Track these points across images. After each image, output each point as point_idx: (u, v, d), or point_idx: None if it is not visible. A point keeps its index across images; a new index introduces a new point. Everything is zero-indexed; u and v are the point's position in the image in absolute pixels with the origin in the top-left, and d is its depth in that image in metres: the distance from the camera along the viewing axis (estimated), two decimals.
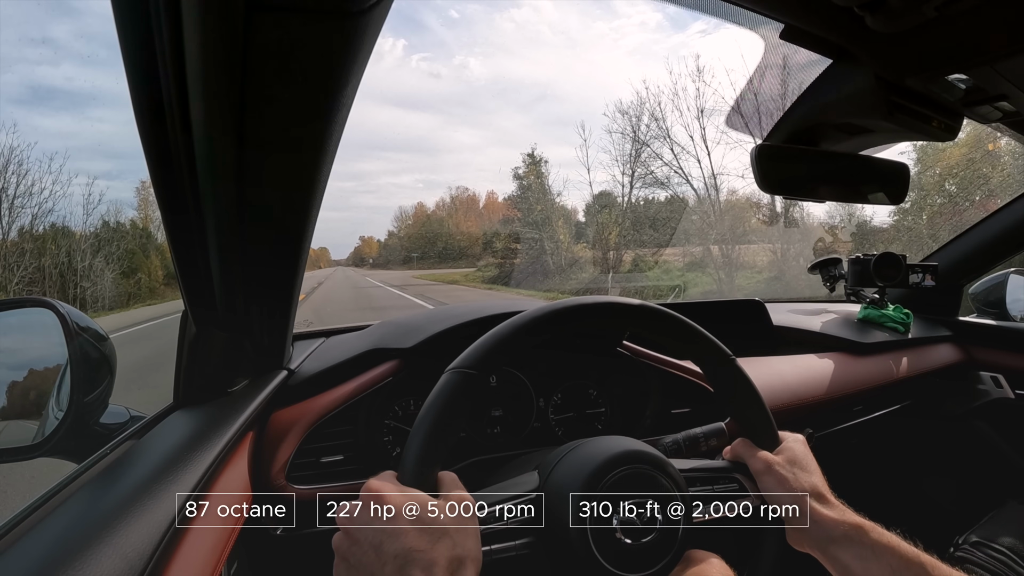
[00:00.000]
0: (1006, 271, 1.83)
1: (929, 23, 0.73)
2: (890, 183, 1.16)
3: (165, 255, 21.24)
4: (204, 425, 0.77)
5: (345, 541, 0.57)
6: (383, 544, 0.54)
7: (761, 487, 0.73)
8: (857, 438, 1.47)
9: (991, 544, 1.37)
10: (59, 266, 16.92)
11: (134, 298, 19.15)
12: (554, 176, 25.99)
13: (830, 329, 1.65)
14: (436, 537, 0.55)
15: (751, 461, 0.74)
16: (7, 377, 0.86)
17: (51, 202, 16.93)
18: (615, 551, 0.63)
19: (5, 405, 0.85)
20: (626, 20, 40.01)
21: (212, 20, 0.42)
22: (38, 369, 0.87)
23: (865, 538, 0.66)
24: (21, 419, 0.87)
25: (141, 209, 22.52)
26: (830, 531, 0.68)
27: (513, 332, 0.69)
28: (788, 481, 0.71)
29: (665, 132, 17.41)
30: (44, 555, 0.48)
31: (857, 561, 0.65)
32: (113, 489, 0.61)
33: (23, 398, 0.87)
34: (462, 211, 35.72)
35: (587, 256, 20.48)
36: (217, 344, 0.85)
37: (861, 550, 0.66)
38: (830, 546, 0.68)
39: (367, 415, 1.01)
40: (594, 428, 1.16)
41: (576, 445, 0.72)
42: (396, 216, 44.75)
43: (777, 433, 0.78)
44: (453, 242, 34.84)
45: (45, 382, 0.87)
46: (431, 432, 0.62)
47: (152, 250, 21.06)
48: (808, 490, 0.70)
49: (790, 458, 0.74)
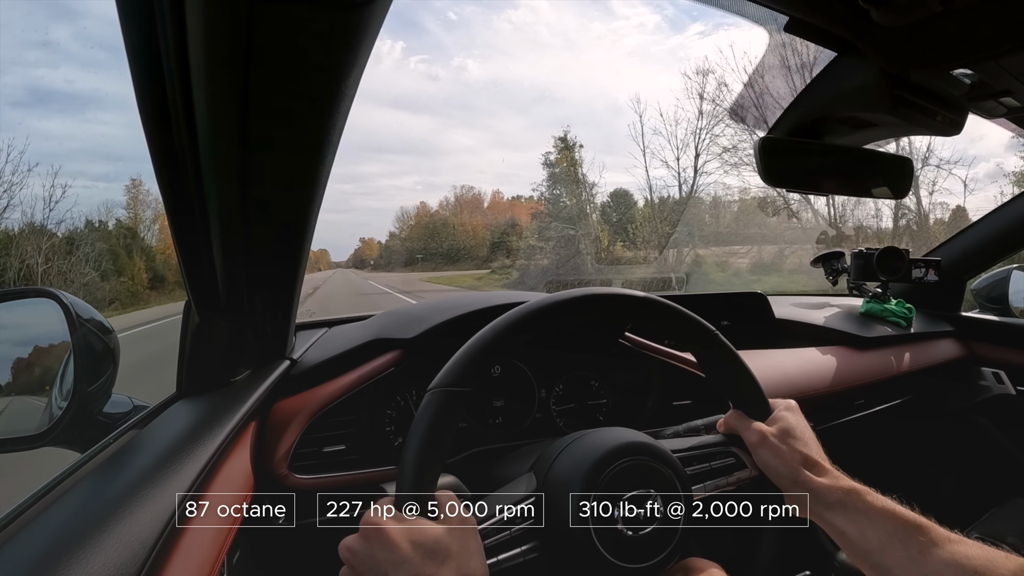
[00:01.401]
0: (1009, 267, 1.83)
1: (934, 17, 0.73)
2: (893, 177, 1.16)
3: (152, 255, 20.55)
4: (207, 415, 0.77)
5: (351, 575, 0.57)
6: (389, 574, 0.54)
7: (757, 460, 0.74)
8: (858, 432, 1.47)
9: (992, 540, 1.37)
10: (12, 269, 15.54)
11: (117, 303, 18.29)
12: (589, 163, 23.65)
13: (832, 323, 1.65)
14: (441, 559, 0.55)
15: (746, 434, 0.75)
16: (10, 365, 0.87)
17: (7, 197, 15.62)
18: (617, 543, 0.63)
19: (8, 398, 0.86)
20: (624, 22, 39.72)
21: (216, 12, 0.42)
22: (40, 358, 0.88)
23: (859, 502, 0.67)
24: (23, 412, 0.87)
25: (131, 208, 21.71)
26: (824, 497, 0.68)
27: (491, 338, 0.68)
28: (782, 452, 0.72)
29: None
30: (48, 544, 0.48)
31: (852, 526, 0.66)
32: (116, 479, 0.62)
33: (26, 390, 0.88)
34: (467, 210, 34.56)
35: (633, 255, 18.69)
36: (220, 334, 0.85)
37: (856, 515, 0.66)
38: (825, 512, 0.68)
39: (369, 405, 1.01)
40: (596, 419, 1.16)
41: (575, 437, 0.72)
42: (397, 216, 42.07)
43: (767, 402, 0.79)
44: (459, 242, 33.52)
45: (47, 371, 0.87)
46: (421, 452, 0.62)
47: (137, 251, 20.13)
48: (801, 459, 0.71)
49: (783, 428, 0.74)
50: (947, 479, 1.81)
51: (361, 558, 0.56)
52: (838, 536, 0.68)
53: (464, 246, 33.21)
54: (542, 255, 20.42)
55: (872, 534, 0.65)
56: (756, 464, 0.74)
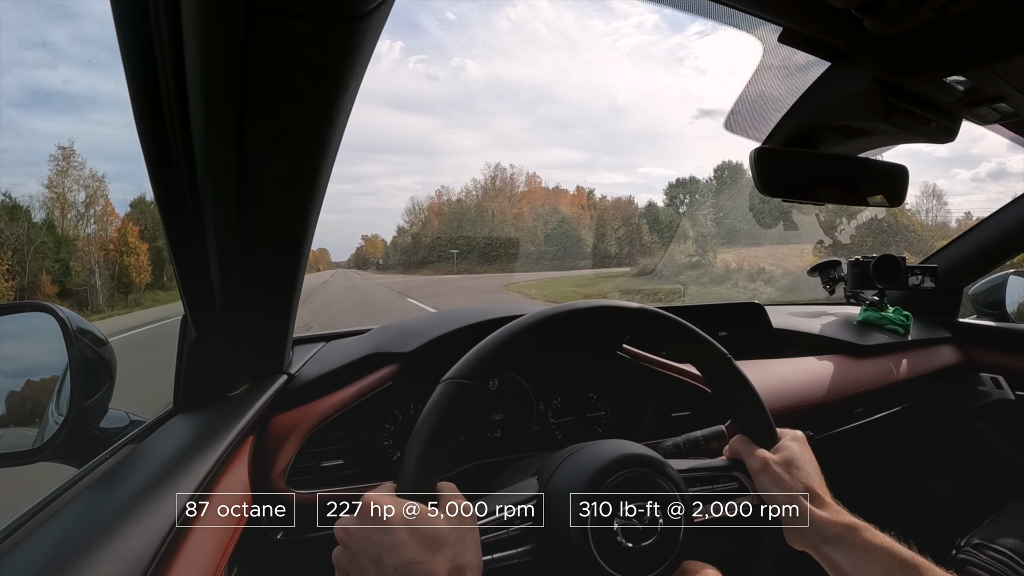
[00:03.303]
0: (1005, 272, 1.84)
1: (927, 25, 0.73)
2: (889, 185, 1.16)
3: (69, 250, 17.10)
4: (204, 429, 0.76)
5: (344, 555, 0.57)
6: (383, 557, 0.54)
7: (758, 486, 0.73)
8: (858, 440, 1.46)
9: (993, 546, 1.36)
10: None
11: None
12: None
13: (830, 331, 1.65)
14: (436, 548, 0.55)
15: (749, 460, 0.75)
16: (6, 383, 0.86)
17: None
18: (615, 553, 0.63)
19: (4, 413, 0.85)
20: (623, 22, 40.06)
21: (212, 25, 0.42)
22: (36, 373, 0.87)
23: (858, 538, 0.66)
24: (19, 426, 0.86)
25: (55, 186, 17.71)
26: (823, 531, 0.68)
27: (509, 338, 0.69)
28: (784, 481, 0.71)
29: None
30: (44, 559, 0.48)
31: (850, 562, 0.66)
32: (113, 493, 0.61)
33: (21, 404, 0.87)
34: (502, 196, 28.77)
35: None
36: (217, 348, 0.85)
37: (854, 551, 0.66)
38: (823, 546, 0.68)
39: (367, 419, 1.01)
40: (594, 431, 1.16)
41: (576, 449, 0.72)
42: (408, 209, 37.78)
43: (775, 431, 0.78)
44: (501, 233, 26.51)
45: (44, 386, 0.86)
46: (428, 444, 0.61)
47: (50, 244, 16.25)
48: (803, 490, 0.71)
49: (787, 458, 0.74)
50: (947, 485, 1.81)
51: (356, 540, 0.56)
52: (835, 571, 0.67)
53: (505, 240, 26.78)
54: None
55: (869, 571, 0.64)
56: (757, 490, 0.74)
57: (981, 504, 1.60)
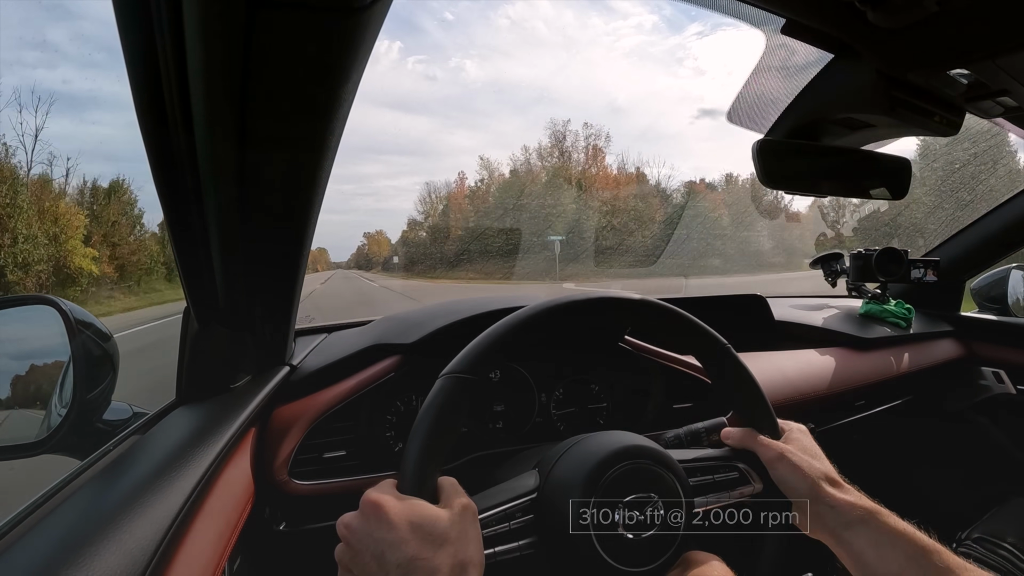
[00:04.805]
0: (1008, 267, 1.83)
1: (931, 17, 0.73)
2: (892, 178, 1.16)
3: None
4: (207, 421, 0.77)
5: (347, 552, 0.57)
6: (385, 554, 0.54)
7: (773, 476, 0.72)
8: (859, 433, 1.47)
9: (994, 540, 1.37)
10: None
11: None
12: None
13: (832, 324, 1.65)
14: (438, 544, 0.55)
15: (761, 450, 0.74)
16: (9, 372, 0.86)
17: None
18: (617, 545, 0.63)
19: (8, 400, 0.86)
20: (623, 22, 39.89)
21: (214, 18, 0.42)
22: (39, 365, 0.88)
23: (880, 523, 0.65)
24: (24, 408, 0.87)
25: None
26: (846, 515, 0.67)
27: (508, 331, 0.69)
28: (802, 468, 0.70)
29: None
30: (48, 551, 0.48)
31: (872, 547, 0.65)
32: (116, 485, 0.61)
33: (24, 393, 0.87)
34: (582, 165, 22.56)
35: None
36: (219, 340, 0.85)
37: (877, 536, 0.65)
38: (845, 531, 0.67)
39: (369, 411, 1.01)
40: (596, 423, 1.16)
41: (577, 440, 0.72)
42: (421, 198, 31.90)
43: (777, 422, 0.78)
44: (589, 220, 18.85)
45: (47, 377, 0.87)
46: (428, 438, 0.61)
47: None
48: (822, 476, 0.70)
49: (801, 446, 0.73)
50: (948, 479, 1.81)
51: (359, 536, 0.56)
52: (854, 558, 0.66)
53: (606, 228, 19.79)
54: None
55: (892, 556, 0.63)
56: (772, 480, 0.73)
57: (982, 498, 1.61)
